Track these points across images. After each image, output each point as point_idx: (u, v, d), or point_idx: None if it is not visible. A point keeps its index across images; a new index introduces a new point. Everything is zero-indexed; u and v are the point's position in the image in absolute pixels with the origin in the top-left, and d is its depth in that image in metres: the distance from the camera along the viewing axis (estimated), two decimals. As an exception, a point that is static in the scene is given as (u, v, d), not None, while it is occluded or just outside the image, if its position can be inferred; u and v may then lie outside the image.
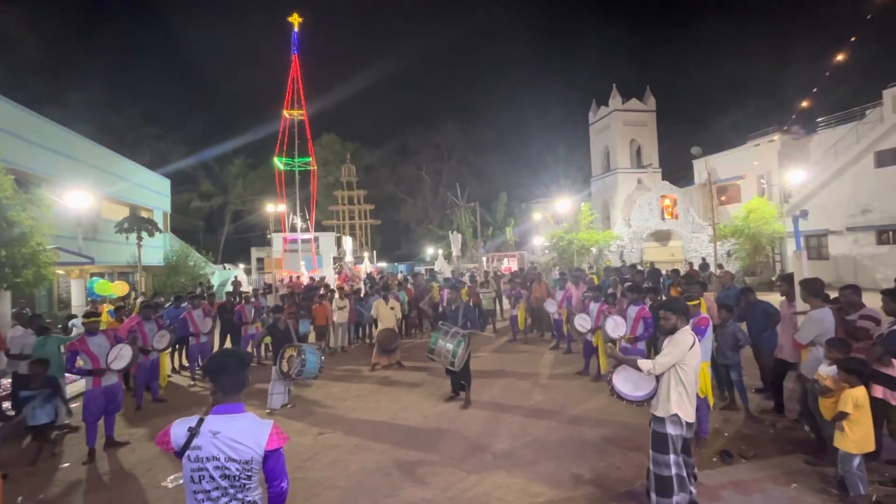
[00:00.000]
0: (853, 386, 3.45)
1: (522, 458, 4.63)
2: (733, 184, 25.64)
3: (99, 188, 16.53)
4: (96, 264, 14.61)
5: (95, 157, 17.29)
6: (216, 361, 2.09)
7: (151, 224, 15.66)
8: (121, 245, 16.21)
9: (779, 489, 3.78)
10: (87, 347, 5.23)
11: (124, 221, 14.96)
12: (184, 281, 18.62)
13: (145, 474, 4.64)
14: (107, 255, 16.51)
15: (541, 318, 11.07)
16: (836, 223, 19.29)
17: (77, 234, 13.84)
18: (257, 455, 1.90)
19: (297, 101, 26.77)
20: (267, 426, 1.97)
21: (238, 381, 2.04)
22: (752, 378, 6.18)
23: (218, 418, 1.95)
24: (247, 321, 9.34)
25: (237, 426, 1.93)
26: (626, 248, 24.59)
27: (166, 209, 23.49)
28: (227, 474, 1.88)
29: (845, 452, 3.42)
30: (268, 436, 1.92)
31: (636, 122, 30.08)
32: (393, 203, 49.88)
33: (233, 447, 1.88)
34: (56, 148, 14.75)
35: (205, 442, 1.89)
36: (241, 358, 2.11)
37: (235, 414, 1.97)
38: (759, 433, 4.98)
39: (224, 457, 1.87)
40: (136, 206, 19.66)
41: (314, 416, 6.17)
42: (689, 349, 3.13)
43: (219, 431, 1.90)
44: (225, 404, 1.99)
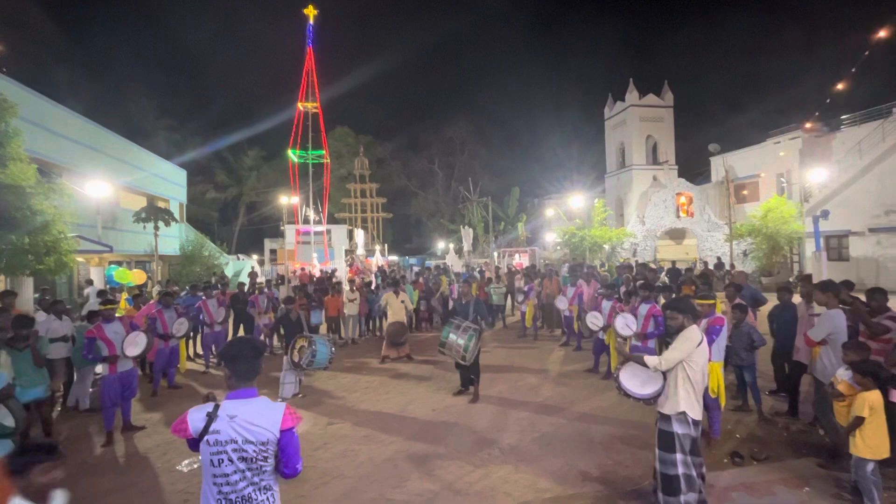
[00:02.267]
0: (868, 389, 3.38)
1: (530, 453, 4.64)
2: (752, 182, 25.12)
3: (118, 178, 16.86)
4: (115, 252, 14.93)
5: (115, 147, 17.61)
6: (232, 349, 2.17)
7: (168, 214, 15.94)
8: (138, 234, 16.54)
9: (790, 492, 3.73)
10: (103, 334, 5.36)
11: (142, 211, 15.25)
12: (198, 270, 18.95)
13: (160, 458, 4.76)
14: (125, 244, 16.86)
15: (551, 315, 11.03)
16: (857, 224, 18.79)
17: (97, 223, 14.15)
18: (273, 436, 1.97)
19: (312, 94, 26.85)
20: (280, 407, 2.05)
21: (252, 368, 2.12)
22: (765, 380, 6.09)
23: (234, 403, 2.03)
24: (260, 311, 9.48)
25: (253, 409, 2.00)
26: (640, 246, 24.30)
27: (182, 200, 23.85)
28: (244, 456, 1.95)
29: (859, 458, 3.35)
30: (282, 416, 2.00)
31: (653, 118, 29.59)
32: (405, 196, 49.99)
33: (249, 429, 1.95)
34: (77, 138, 15.04)
35: (223, 426, 1.96)
36: (255, 346, 2.20)
37: (251, 398, 2.05)
38: (771, 435, 4.91)
39: (241, 439, 1.95)
40: (154, 196, 20.00)
41: (324, 406, 6.25)
42: (696, 346, 3.10)
43: (235, 415, 1.97)
44: (239, 389, 2.06)
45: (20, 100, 9.99)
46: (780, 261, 20.83)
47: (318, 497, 3.94)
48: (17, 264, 8.24)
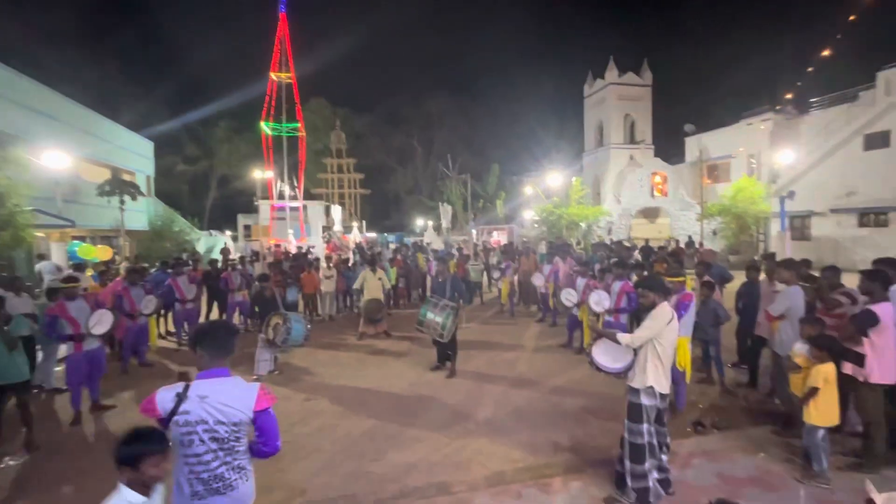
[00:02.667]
0: (823, 362, 3.58)
1: (504, 426, 4.77)
2: (724, 163, 25.72)
3: (78, 149, 15.97)
4: (77, 227, 14.30)
5: (74, 116, 16.62)
6: (205, 328, 2.16)
7: (134, 187, 15.27)
8: (103, 208, 15.81)
9: (747, 458, 3.97)
10: (66, 312, 5.17)
11: (106, 184, 14.55)
12: (168, 246, 18.37)
13: (132, 437, 4.68)
14: (88, 219, 16.13)
15: (528, 292, 11.21)
16: (820, 205, 19.57)
17: (56, 196, 13.47)
18: (245, 417, 1.96)
19: (285, 63, 25.83)
20: (254, 388, 2.03)
21: (224, 348, 2.09)
22: (729, 353, 6.37)
23: (205, 383, 1.99)
24: (233, 288, 9.29)
25: (224, 389, 1.98)
26: (615, 224, 24.77)
27: (150, 173, 22.88)
28: (216, 437, 1.93)
29: (811, 425, 3.58)
30: (255, 397, 1.99)
31: (631, 97, 29.70)
32: (383, 172, 49.28)
33: (221, 410, 1.93)
34: (31, 105, 14.12)
35: (193, 406, 1.93)
36: (228, 326, 2.21)
37: (222, 378, 2.02)
38: (732, 405, 5.18)
39: (213, 420, 1.92)
40: (118, 168, 19.08)
41: (301, 383, 6.25)
42: (666, 324, 3.21)
43: (207, 395, 1.94)
44: (211, 369, 2.03)
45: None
46: (746, 240, 21.61)
47: (296, 471, 3.97)
48: (-30, 239, 7.82)
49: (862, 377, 3.72)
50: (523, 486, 3.61)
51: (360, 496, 3.53)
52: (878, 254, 5.86)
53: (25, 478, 3.99)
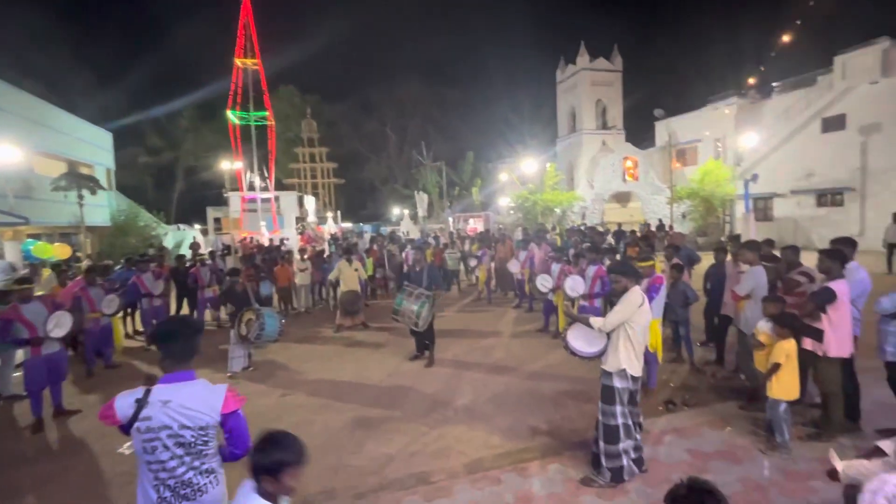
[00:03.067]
0: (786, 339, 3.73)
1: (483, 412, 4.81)
2: (692, 147, 26.38)
3: (29, 142, 15.05)
4: (32, 225, 13.57)
5: (23, 106, 15.60)
6: (165, 328, 2.03)
7: (93, 181, 14.60)
8: (60, 204, 15.01)
9: (715, 433, 4.13)
10: (21, 316, 4.90)
11: (62, 178, 13.85)
12: (134, 242, 17.66)
13: (99, 441, 4.51)
14: (44, 215, 15.30)
15: (504, 278, 11.29)
16: (781, 186, 20.36)
17: (6, 192, 12.71)
18: (212, 420, 1.88)
19: (251, 49, 24.89)
20: (221, 390, 1.94)
21: (188, 349, 1.98)
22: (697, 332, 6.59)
23: (168, 387, 1.90)
24: (203, 285, 9.01)
25: (189, 393, 1.89)
26: (589, 209, 25.14)
27: (109, 165, 21.80)
28: (181, 442, 1.85)
29: (774, 399, 3.74)
30: (223, 399, 1.91)
31: (603, 83, 29.98)
32: (357, 161, 48.47)
33: (186, 414, 1.85)
34: (-26, 95, 13.18)
35: (155, 412, 1.84)
36: (190, 325, 2.06)
37: (186, 381, 1.93)
38: (700, 383, 5.37)
39: (177, 424, 1.84)
40: (75, 161, 18.11)
41: (277, 379, 6.14)
42: (637, 308, 3.27)
43: (170, 400, 1.85)
44: (175, 372, 1.94)
45: None
46: (714, 222, 22.31)
47: (272, 469, 3.90)
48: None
49: (821, 351, 3.90)
50: (502, 471, 3.66)
51: (338, 490, 3.51)
52: (835, 232, 6.14)
53: (-16, 490, 3.80)
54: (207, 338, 8.49)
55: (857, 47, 17.86)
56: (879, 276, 9.87)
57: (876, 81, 17.18)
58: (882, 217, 14.45)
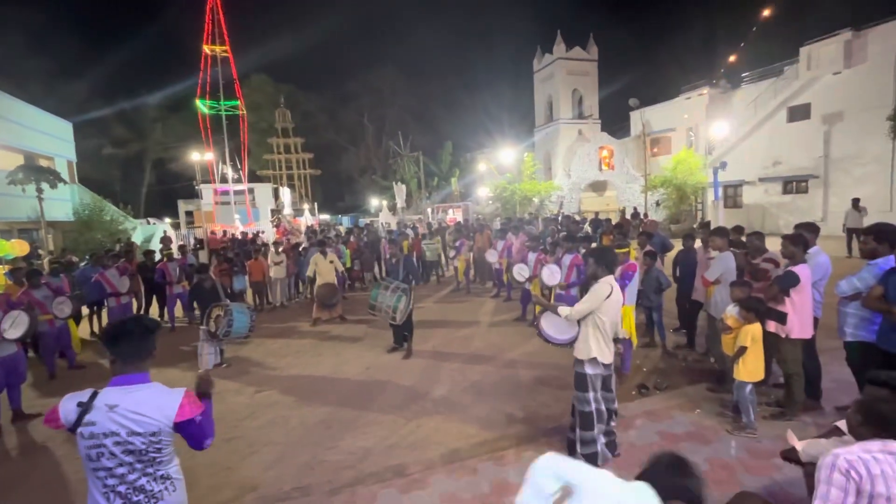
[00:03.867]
0: (751, 322, 3.84)
1: (460, 402, 4.82)
2: (665, 136, 26.85)
3: (-21, 132, 14.22)
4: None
5: (-29, 94, 14.70)
6: (114, 328, 1.88)
7: (53, 174, 13.89)
8: (17, 198, 14.28)
9: (685, 415, 4.24)
10: (-26, 316, 4.64)
11: (18, 171, 13.11)
12: (100, 238, 16.94)
13: (61, 446, 4.33)
14: (1, 211, 14.55)
15: (483, 268, 11.33)
16: (750, 174, 20.97)
17: (-43, 187, 11.99)
18: (165, 426, 1.77)
19: (220, 36, 24.03)
20: (177, 396, 1.82)
21: (140, 350, 1.86)
22: (670, 317, 6.75)
23: (116, 390, 1.78)
24: (171, 281, 8.73)
25: (139, 398, 1.77)
26: (566, 199, 25.40)
27: (71, 157, 20.81)
28: (130, 449, 1.73)
29: (740, 381, 3.85)
30: (178, 406, 1.78)
31: (579, 72, 30.13)
32: (334, 152, 47.71)
33: (135, 420, 1.73)
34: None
35: (100, 417, 1.72)
36: (143, 324, 1.90)
37: (137, 385, 1.81)
38: (672, 367, 5.51)
39: (126, 431, 1.72)
40: (32, 153, 17.21)
41: (251, 375, 6.02)
42: (604, 299, 3.29)
43: (116, 405, 1.73)
44: (125, 374, 1.82)
45: None
46: (686, 209, 22.86)
47: (246, 467, 3.83)
48: None
49: (784, 333, 4.02)
50: (478, 460, 3.67)
51: (314, 486, 3.47)
52: (801, 218, 6.33)
53: (-64, 501, 3.61)
54: (179, 335, 8.26)
55: (822, 38, 18.39)
56: (840, 259, 10.29)
57: (839, 72, 17.77)
58: (843, 203, 15.04)
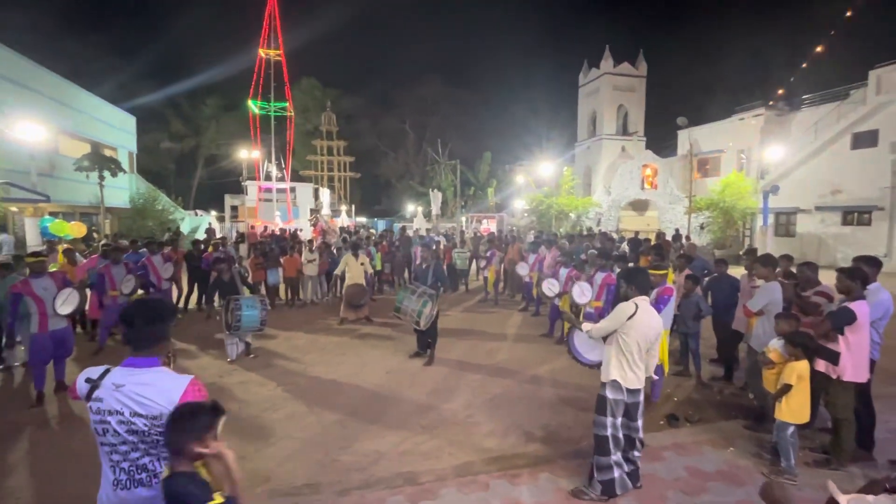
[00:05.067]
0: (798, 359, 3.56)
1: (478, 415, 4.72)
2: (714, 157, 25.79)
3: (55, 121, 15.43)
4: (53, 203, 13.89)
5: (51, 86, 16.00)
6: (128, 312, 1.92)
7: (115, 163, 14.86)
8: (81, 184, 15.36)
9: (716, 452, 3.97)
10: (31, 290, 4.98)
11: (84, 159, 14.13)
12: (151, 225, 17.97)
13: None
14: (65, 194, 15.68)
15: (513, 280, 11.17)
16: (806, 202, 19.75)
17: (31, 170, 13.03)
18: (167, 411, 1.78)
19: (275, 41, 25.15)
20: (182, 382, 1.84)
21: (147, 335, 1.88)
22: (707, 346, 6.39)
23: (125, 371, 1.83)
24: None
25: (144, 380, 1.81)
26: (605, 216, 24.79)
27: (132, 148, 22.26)
28: (133, 429, 1.77)
29: (782, 422, 3.57)
30: (182, 392, 1.81)
31: (626, 88, 29.54)
32: (374, 156, 48.71)
33: (138, 401, 1.77)
34: (5, 74, 13.53)
35: (106, 394, 1.77)
36: (154, 309, 1.93)
37: (145, 368, 1.85)
38: (706, 399, 5.19)
39: (129, 411, 1.76)
40: (99, 143, 18.51)
41: (274, 369, 6.14)
42: (626, 319, 3.13)
43: (123, 385, 1.78)
44: (136, 357, 1.86)
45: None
46: (732, 235, 21.77)
47: (262, 458, 3.88)
48: (-66, 211, 7.50)
49: (835, 375, 3.71)
50: (491, 476, 3.56)
51: (324, 485, 3.46)
52: (860, 251, 5.88)
53: (-21, 460, 3.84)
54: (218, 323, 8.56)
55: (893, 62, 17.19)
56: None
57: (912, 98, 16.53)
58: (911, 239, 13.87)
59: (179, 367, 5.78)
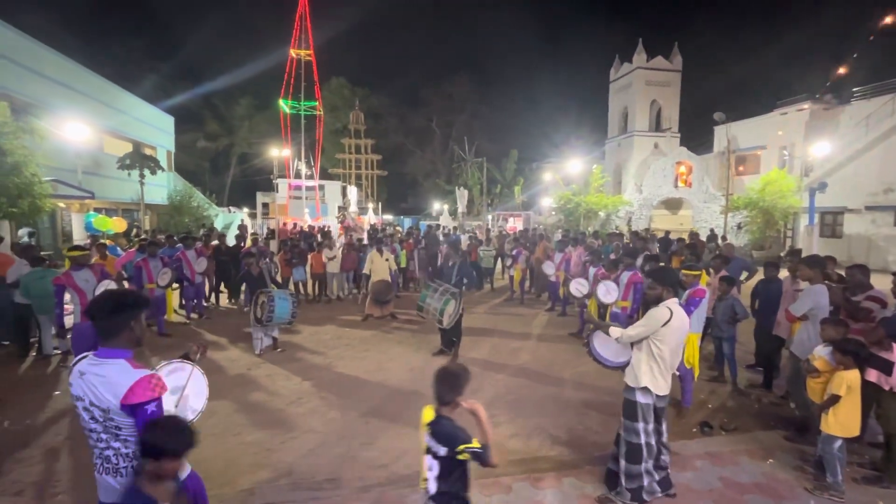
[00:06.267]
0: (848, 368, 3.32)
1: (501, 415, 4.63)
2: (753, 154, 24.65)
3: (99, 121, 16.20)
4: (97, 199, 14.57)
5: (96, 88, 16.80)
6: (94, 303, 1.92)
7: (154, 162, 15.48)
8: (124, 182, 16.07)
9: (754, 463, 3.75)
10: (73, 282, 5.21)
11: (126, 157, 14.77)
12: (187, 221, 18.65)
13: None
14: (109, 191, 16.44)
15: (539, 280, 10.99)
16: (855, 201, 18.60)
17: (77, 168, 13.70)
18: (114, 406, 1.76)
19: (305, 41, 25.61)
20: (132, 376, 1.79)
21: (112, 327, 1.86)
22: (743, 352, 6.09)
23: (91, 360, 1.86)
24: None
25: (101, 371, 1.81)
26: (635, 215, 24.10)
27: (170, 148, 23.14)
28: (94, 417, 1.81)
29: (828, 434, 3.33)
30: (128, 388, 1.76)
31: (659, 82, 28.58)
32: (401, 154, 49.01)
33: (93, 392, 1.79)
34: (53, 76, 14.28)
35: (74, 380, 1.84)
36: (116, 300, 1.90)
37: (108, 359, 1.84)
38: (742, 407, 4.94)
39: (87, 400, 1.80)
40: (140, 142, 19.33)
41: (300, 363, 6.22)
42: (661, 325, 2.97)
43: (85, 373, 1.82)
44: (105, 348, 1.86)
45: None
46: (773, 235, 20.75)
47: (285, 451, 3.93)
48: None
49: (888, 386, 3.44)
50: (514, 479, 3.48)
51: (345, 480, 3.46)
52: (915, 254, 5.44)
53: (22, 440, 4.04)
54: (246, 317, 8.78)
55: (957, 50, 15.95)
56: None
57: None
58: (973, 241, 12.85)
59: (209, 360, 5.98)
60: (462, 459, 2.03)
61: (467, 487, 2.18)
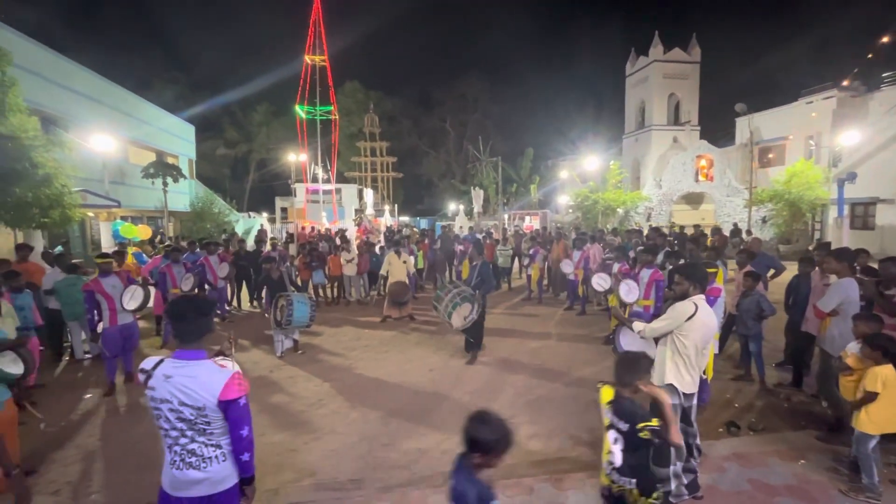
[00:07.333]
0: (879, 364, 3.19)
1: (522, 416, 4.61)
2: (777, 145, 23.93)
3: (124, 132, 16.72)
4: (123, 208, 15.03)
5: (120, 100, 17.35)
6: (175, 308, 2.06)
7: (176, 170, 15.91)
8: (148, 190, 16.58)
9: (785, 464, 3.64)
10: (101, 288, 5.38)
11: (150, 166, 15.22)
12: (209, 227, 19.10)
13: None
14: (135, 200, 16.95)
15: (557, 279, 10.88)
16: (887, 191, 17.87)
17: (104, 178, 14.16)
18: (210, 402, 1.90)
19: (319, 47, 25.95)
20: (223, 375, 1.94)
21: (195, 329, 2.02)
22: (769, 349, 5.91)
23: (174, 363, 1.97)
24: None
25: (190, 372, 1.93)
26: (655, 211, 23.65)
27: (191, 156, 23.73)
28: (182, 417, 1.91)
29: (863, 433, 3.22)
30: (222, 385, 1.91)
31: (677, 75, 28.00)
32: (415, 156, 49.17)
33: (184, 392, 1.90)
34: (80, 90, 14.80)
35: (158, 384, 1.92)
36: (197, 306, 2.07)
37: (192, 360, 1.97)
38: (771, 406, 4.80)
39: (177, 400, 1.90)
40: (162, 151, 19.89)
41: (320, 365, 6.30)
42: (685, 320, 2.91)
43: (171, 376, 1.92)
44: (183, 350, 1.99)
45: (18, 48, 9.73)
46: (800, 228, 20.09)
47: (308, 452, 3.99)
48: (22, 217, 8.30)
49: (925, 383, 3.29)
50: (536, 480, 3.46)
51: (367, 481, 3.49)
52: (954, 245, 5.20)
53: (57, 441, 4.20)
54: (266, 320, 8.95)
55: None
56: None
57: None
58: None
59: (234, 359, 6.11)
60: (644, 438, 2.24)
61: (650, 464, 2.51)
